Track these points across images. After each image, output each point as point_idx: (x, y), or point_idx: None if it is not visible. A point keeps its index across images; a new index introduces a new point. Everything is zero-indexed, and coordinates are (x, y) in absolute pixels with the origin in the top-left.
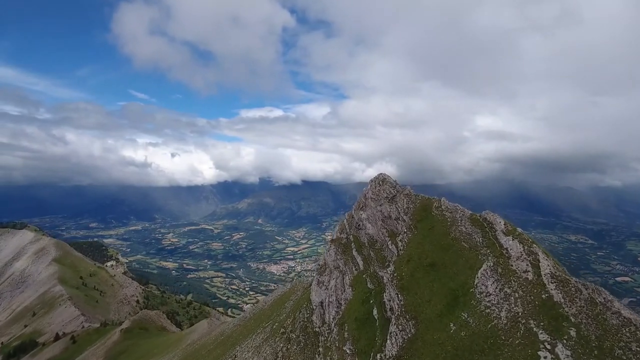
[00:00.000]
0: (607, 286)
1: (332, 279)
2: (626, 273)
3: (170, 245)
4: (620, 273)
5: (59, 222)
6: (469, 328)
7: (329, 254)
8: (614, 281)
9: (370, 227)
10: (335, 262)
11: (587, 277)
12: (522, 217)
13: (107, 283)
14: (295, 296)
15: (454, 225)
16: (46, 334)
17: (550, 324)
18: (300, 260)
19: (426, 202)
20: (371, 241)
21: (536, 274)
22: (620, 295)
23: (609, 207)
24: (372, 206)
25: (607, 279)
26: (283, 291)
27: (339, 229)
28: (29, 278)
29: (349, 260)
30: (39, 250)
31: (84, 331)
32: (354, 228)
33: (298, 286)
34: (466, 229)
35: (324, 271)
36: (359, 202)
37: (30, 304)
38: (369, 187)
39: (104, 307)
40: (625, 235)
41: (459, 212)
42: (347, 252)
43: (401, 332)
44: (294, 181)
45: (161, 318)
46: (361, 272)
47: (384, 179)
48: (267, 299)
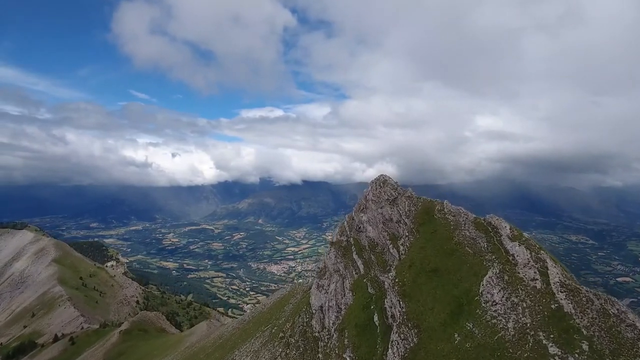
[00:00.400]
0: (607, 286)
1: (332, 283)
2: (627, 273)
3: (171, 245)
4: (621, 273)
5: (59, 222)
6: (474, 339)
7: (329, 257)
8: (615, 281)
9: (371, 229)
10: (335, 266)
11: (587, 278)
12: (523, 217)
13: (107, 284)
14: (295, 299)
15: (457, 229)
16: (45, 334)
17: (561, 336)
18: (301, 261)
19: (428, 205)
20: (372, 244)
21: (545, 282)
22: (621, 296)
23: (610, 207)
24: (372, 208)
25: (608, 279)
26: (282, 294)
27: (339, 231)
28: (28, 278)
29: (349, 264)
30: (39, 251)
31: (83, 332)
32: (355, 230)
33: (298, 289)
34: (470, 233)
35: (324, 274)
36: (359, 204)
37: (30, 305)
38: (370, 189)
39: (103, 308)
40: (626, 236)
41: (462, 215)
42: (348, 255)
43: (403, 341)
44: (295, 181)
45: (160, 319)
46: (362, 276)
47: (385, 180)
48: (266, 302)
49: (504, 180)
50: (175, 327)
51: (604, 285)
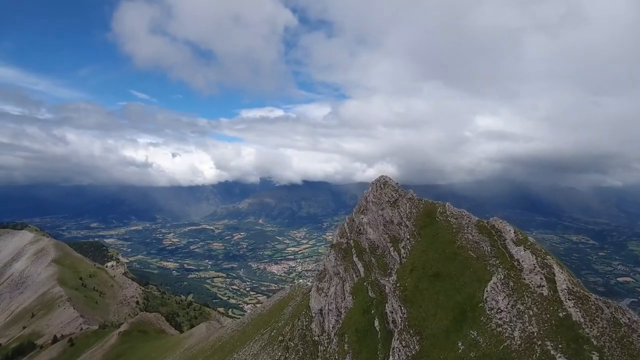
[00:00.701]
0: (608, 286)
1: (332, 286)
2: (627, 273)
3: (171, 245)
4: (621, 273)
5: (59, 222)
6: (479, 348)
7: (329, 259)
8: (616, 281)
9: (371, 232)
10: (335, 268)
11: (588, 278)
12: (523, 218)
13: (106, 284)
14: (294, 302)
15: (460, 233)
16: (45, 335)
17: (570, 346)
18: (301, 261)
19: (430, 207)
20: (372, 247)
21: (552, 289)
22: (622, 296)
23: (611, 207)
24: (373, 210)
25: (609, 279)
26: (282, 295)
27: (339, 232)
28: (28, 279)
29: (350, 267)
30: (39, 251)
31: (82, 333)
32: (355, 232)
33: (297, 291)
34: (473, 236)
35: (324, 277)
36: (359, 205)
37: (29, 305)
38: (370, 190)
39: (103, 308)
40: (626, 236)
41: (465, 218)
42: (348, 257)
43: (404, 349)
44: (295, 181)
45: (160, 321)
46: (362, 279)
47: (386, 182)
48: (266, 303)
49: (504, 180)
50: (174, 328)
51: (605, 285)
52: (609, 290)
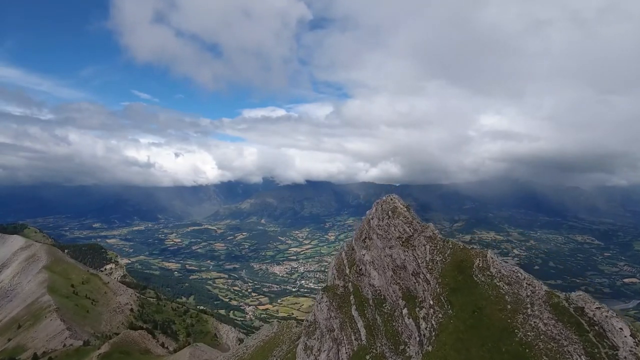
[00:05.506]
0: (614, 288)
1: (324, 350)
2: (634, 274)
3: (173, 245)
4: (627, 274)
5: (62, 222)
6: None
7: (320, 307)
8: (622, 283)
9: (376, 275)
10: (328, 322)
11: (594, 279)
12: (527, 217)
13: (100, 291)
14: (280, 350)
15: (520, 313)
16: (29, 349)
17: None
18: (303, 261)
19: (462, 256)
20: (378, 298)
21: None
22: (628, 297)
23: (616, 207)
24: (378, 246)
25: (615, 280)
26: (267, 335)
27: (335, 265)
28: (17, 287)
29: (347, 323)
30: (29, 257)
31: (64, 351)
32: (354, 272)
33: (284, 335)
34: (547, 326)
35: (314, 332)
36: (360, 230)
37: (17, 315)
38: (374, 213)
39: (94, 318)
40: (632, 236)
41: (525, 285)
42: (345, 308)
43: None
44: (298, 181)
45: (145, 339)
46: (363, 348)
47: (395, 208)
48: (249, 343)
49: (508, 180)
50: (161, 347)
51: (611, 287)
52: (615, 291)
